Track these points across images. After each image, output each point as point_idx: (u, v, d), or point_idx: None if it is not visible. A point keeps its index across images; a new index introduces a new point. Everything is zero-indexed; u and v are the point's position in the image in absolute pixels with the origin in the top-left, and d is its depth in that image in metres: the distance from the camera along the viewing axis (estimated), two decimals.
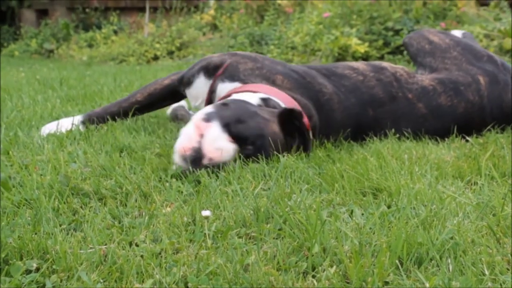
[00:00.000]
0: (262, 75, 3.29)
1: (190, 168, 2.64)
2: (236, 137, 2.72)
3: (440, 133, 3.53)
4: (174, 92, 3.67)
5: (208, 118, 2.76)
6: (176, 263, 1.73)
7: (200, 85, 3.42)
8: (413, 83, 3.60)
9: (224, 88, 3.31)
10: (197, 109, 3.47)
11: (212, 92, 3.36)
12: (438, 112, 3.55)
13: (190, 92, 3.54)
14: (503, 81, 3.79)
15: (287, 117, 2.90)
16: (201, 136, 2.71)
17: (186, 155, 2.65)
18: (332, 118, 3.32)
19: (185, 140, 2.71)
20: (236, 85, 3.28)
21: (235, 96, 3.10)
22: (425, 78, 3.67)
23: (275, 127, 2.85)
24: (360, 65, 3.61)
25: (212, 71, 3.38)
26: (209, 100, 3.36)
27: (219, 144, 2.68)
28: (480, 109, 3.66)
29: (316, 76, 3.42)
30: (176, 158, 2.70)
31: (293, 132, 2.93)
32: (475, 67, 3.81)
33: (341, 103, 3.36)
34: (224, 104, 2.89)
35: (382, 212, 2.14)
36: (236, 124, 2.75)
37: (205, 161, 2.64)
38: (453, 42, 4.00)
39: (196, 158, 2.65)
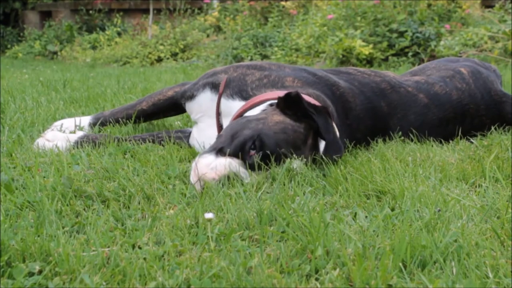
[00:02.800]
0: (270, 82, 3.26)
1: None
2: (236, 152, 2.66)
3: (443, 122, 3.60)
4: (177, 104, 3.65)
5: (199, 156, 2.69)
6: (179, 266, 1.73)
7: (205, 100, 3.39)
8: (407, 80, 3.74)
9: (228, 105, 3.27)
10: (195, 122, 3.46)
11: (218, 111, 3.34)
12: (437, 100, 3.64)
13: (191, 105, 3.50)
14: (484, 72, 3.98)
15: (290, 103, 2.84)
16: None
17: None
18: (349, 109, 3.33)
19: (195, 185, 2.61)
20: (239, 103, 3.23)
21: (246, 114, 3.07)
22: (413, 78, 3.83)
23: (275, 117, 2.80)
24: (358, 68, 3.67)
25: (218, 86, 3.34)
26: (218, 120, 3.32)
27: (212, 165, 2.60)
28: (471, 95, 3.77)
29: (327, 74, 3.43)
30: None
31: (304, 114, 2.85)
32: (454, 65, 4.05)
33: (356, 97, 3.38)
34: (219, 136, 2.84)
35: (386, 214, 2.13)
36: (231, 142, 2.69)
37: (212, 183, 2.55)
38: (428, 63, 4.32)
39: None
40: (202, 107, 3.38)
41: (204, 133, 3.30)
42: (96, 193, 2.38)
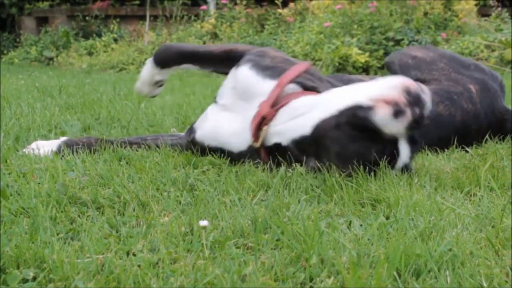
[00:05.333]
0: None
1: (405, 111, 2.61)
2: None
3: (442, 143, 3.49)
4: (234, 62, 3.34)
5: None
6: (173, 273, 1.73)
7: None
8: None
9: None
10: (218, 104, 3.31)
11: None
12: (439, 122, 3.51)
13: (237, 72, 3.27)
14: (492, 89, 3.83)
15: None
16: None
17: (411, 91, 2.62)
18: None
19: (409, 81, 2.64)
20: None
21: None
22: None
23: None
24: (362, 77, 3.59)
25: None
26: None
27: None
28: (475, 116, 3.66)
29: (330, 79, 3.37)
30: (396, 93, 2.63)
31: None
32: (464, 76, 3.82)
33: None
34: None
35: (381, 223, 2.13)
36: None
37: (425, 111, 2.65)
38: (437, 55, 3.98)
39: (420, 102, 2.64)
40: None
41: (226, 122, 3.19)
42: (91, 200, 2.38)
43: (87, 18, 15.07)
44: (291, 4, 12.31)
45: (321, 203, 2.46)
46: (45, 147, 3.25)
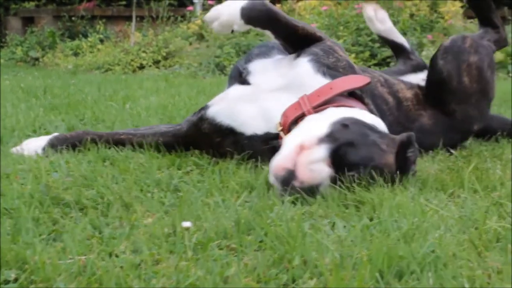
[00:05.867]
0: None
1: (280, 188, 2.51)
2: (340, 162, 2.54)
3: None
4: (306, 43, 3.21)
5: (320, 141, 2.58)
6: (155, 275, 1.72)
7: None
8: (415, 120, 3.47)
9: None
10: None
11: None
12: (427, 147, 3.41)
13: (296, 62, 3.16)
14: (491, 127, 3.80)
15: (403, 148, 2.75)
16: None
17: (278, 175, 2.52)
18: None
19: (283, 159, 2.55)
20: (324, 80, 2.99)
21: (345, 111, 2.84)
22: (425, 113, 3.53)
23: (390, 158, 2.69)
24: (389, 97, 3.43)
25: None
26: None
27: (314, 167, 2.52)
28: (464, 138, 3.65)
29: None
30: (270, 177, 2.57)
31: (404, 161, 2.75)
32: (478, 112, 3.67)
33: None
34: (345, 126, 2.67)
35: (364, 224, 2.13)
36: (347, 148, 2.57)
37: (296, 183, 2.49)
38: (478, 89, 3.63)
39: (287, 179, 2.50)
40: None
41: (252, 103, 3.08)
42: (74, 201, 2.37)
43: (73, 18, 15.03)
44: (278, 5, 12.32)
45: (304, 204, 2.45)
46: (32, 143, 3.27)
